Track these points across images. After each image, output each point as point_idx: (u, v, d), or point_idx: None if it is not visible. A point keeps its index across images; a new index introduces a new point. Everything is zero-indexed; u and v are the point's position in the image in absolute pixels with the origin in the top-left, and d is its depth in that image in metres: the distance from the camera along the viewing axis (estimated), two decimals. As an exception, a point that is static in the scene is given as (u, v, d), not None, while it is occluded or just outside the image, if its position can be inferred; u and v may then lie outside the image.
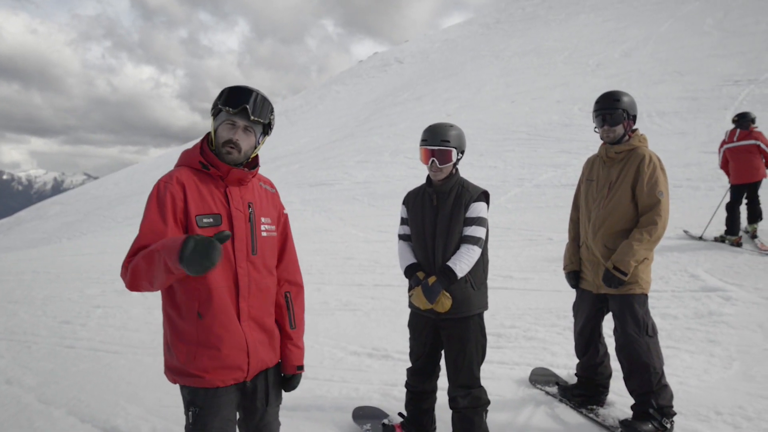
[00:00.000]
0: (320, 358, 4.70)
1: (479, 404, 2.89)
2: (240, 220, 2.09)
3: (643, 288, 3.18)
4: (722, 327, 4.65)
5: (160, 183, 2.04)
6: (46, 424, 3.78)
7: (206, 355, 2.02)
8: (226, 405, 2.07)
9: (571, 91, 24.59)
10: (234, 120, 2.05)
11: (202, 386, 2.03)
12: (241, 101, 2.03)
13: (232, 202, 2.08)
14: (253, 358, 2.11)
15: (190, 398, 2.05)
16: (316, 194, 17.19)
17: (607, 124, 3.23)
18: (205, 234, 1.97)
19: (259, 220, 2.16)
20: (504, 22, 58.30)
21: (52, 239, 22.32)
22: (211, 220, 2.03)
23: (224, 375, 2.05)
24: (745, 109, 16.41)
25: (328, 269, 8.14)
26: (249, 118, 2.05)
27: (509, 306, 5.71)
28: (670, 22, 34.27)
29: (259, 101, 2.07)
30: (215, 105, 2.10)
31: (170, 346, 2.07)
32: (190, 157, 2.13)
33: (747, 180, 7.50)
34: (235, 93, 2.05)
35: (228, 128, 2.07)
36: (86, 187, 46.75)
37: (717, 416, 3.25)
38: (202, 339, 2.02)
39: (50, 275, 9.67)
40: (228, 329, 2.04)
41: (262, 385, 2.21)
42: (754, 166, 7.45)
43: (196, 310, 2.01)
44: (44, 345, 5.62)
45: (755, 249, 6.93)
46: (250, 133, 2.10)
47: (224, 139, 2.07)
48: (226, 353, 2.04)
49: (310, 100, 56.55)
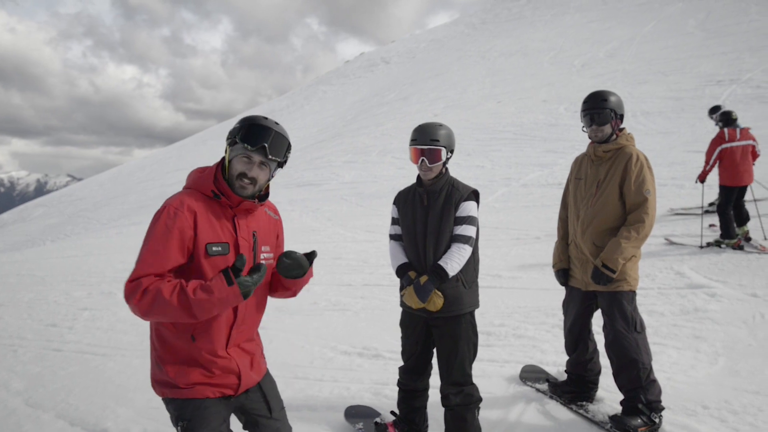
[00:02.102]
0: (311, 358, 4.70)
1: (471, 401, 2.91)
2: (245, 249, 2.10)
3: (631, 285, 3.22)
4: (708, 323, 4.72)
5: (169, 208, 1.98)
6: (34, 427, 3.74)
7: (197, 372, 2.06)
8: (215, 416, 2.08)
9: (557, 91, 24.79)
10: (250, 155, 2.04)
11: (192, 397, 2.05)
12: (260, 140, 2.01)
13: (240, 231, 2.09)
14: (244, 379, 2.15)
15: (178, 413, 2.07)
16: (303, 194, 17.16)
17: (595, 124, 3.27)
18: (215, 262, 2.02)
19: (261, 248, 2.17)
20: (490, 23, 58.59)
21: (36, 242, 22.03)
22: (220, 249, 2.04)
23: (214, 390, 2.09)
24: (727, 108, 16.68)
25: (317, 269, 8.13)
26: (267, 156, 2.04)
27: (498, 304, 5.75)
28: (653, 23, 34.67)
29: (278, 140, 2.06)
30: (233, 136, 2.07)
31: (159, 362, 2.08)
32: (202, 183, 2.09)
33: (746, 182, 7.23)
34: (255, 130, 2.03)
35: (244, 162, 2.05)
36: (70, 188, 46.22)
37: (704, 410, 3.30)
38: (194, 358, 2.05)
39: (35, 278, 9.56)
40: (218, 354, 2.08)
41: (257, 396, 2.23)
42: (750, 167, 7.22)
43: (191, 333, 2.04)
44: (31, 348, 5.56)
45: (755, 250, 6.84)
46: (265, 168, 2.08)
47: (239, 172, 2.05)
48: (217, 374, 2.09)
49: (297, 101, 56.42)
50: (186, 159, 39.99)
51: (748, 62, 21.19)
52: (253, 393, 2.22)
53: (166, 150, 55.39)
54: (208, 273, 2.00)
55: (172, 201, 2.01)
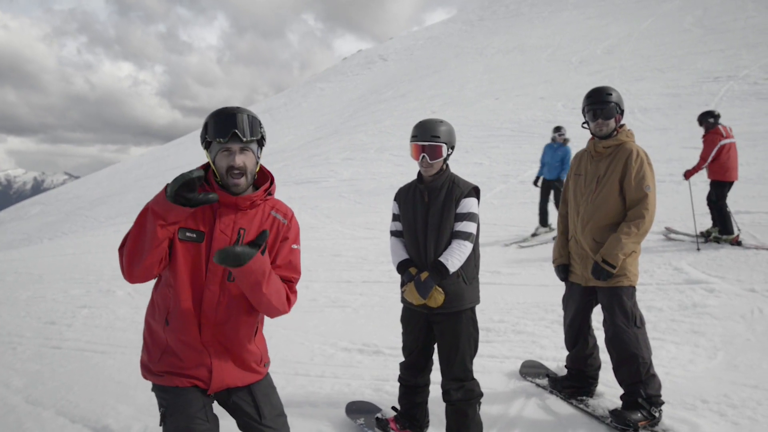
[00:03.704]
0: (311, 355, 4.70)
1: (472, 397, 2.91)
2: (222, 242, 2.06)
3: (631, 280, 3.24)
4: (706, 318, 4.74)
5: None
6: (35, 425, 3.73)
7: (168, 361, 2.10)
8: (192, 403, 2.08)
9: (555, 88, 24.79)
10: (228, 146, 2.01)
11: (163, 384, 2.10)
12: (229, 128, 1.98)
13: (219, 224, 2.07)
14: (216, 377, 2.13)
15: (159, 398, 2.14)
16: (301, 192, 17.14)
17: (600, 118, 3.27)
18: (187, 247, 2.07)
19: None
20: (487, 20, 58.57)
21: (33, 240, 21.97)
22: (194, 236, 2.05)
23: (182, 380, 2.10)
24: (724, 104, 16.73)
25: (316, 266, 8.13)
26: (242, 141, 2.00)
27: (498, 301, 5.76)
28: (651, 19, 34.69)
29: (247, 121, 2.02)
30: (203, 137, 2.06)
31: (144, 346, 2.19)
32: None
33: (736, 177, 7.40)
34: (221, 121, 2.00)
35: (225, 156, 2.02)
36: (67, 186, 46.13)
37: (703, 404, 3.32)
38: (169, 344, 2.10)
39: (33, 276, 9.54)
40: (189, 342, 2.09)
41: (246, 398, 2.21)
42: (737, 163, 7.39)
43: (165, 316, 2.08)
44: (30, 346, 5.55)
45: (752, 248, 6.81)
46: (247, 152, 2.05)
47: (225, 168, 2.03)
48: (186, 364, 2.09)
49: (294, 98, 56.33)
50: (183, 156, 39.94)
51: (745, 59, 21.22)
52: (241, 393, 2.20)
53: (164, 148, 55.28)
54: (180, 257, 2.05)
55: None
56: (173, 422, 2.06)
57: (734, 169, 7.36)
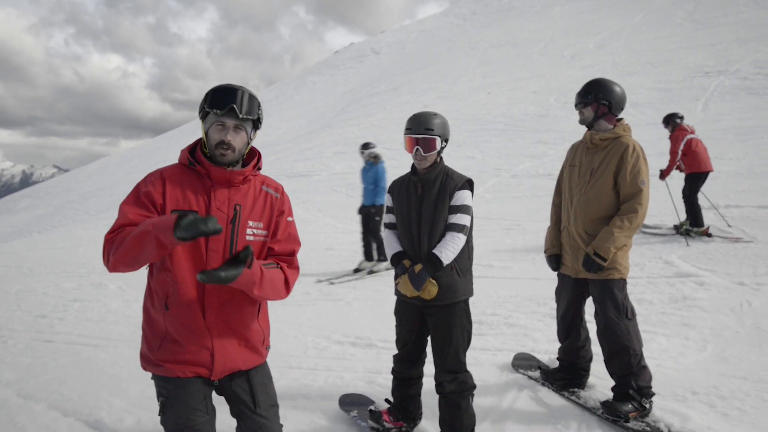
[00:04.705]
0: (304, 348, 4.71)
1: (465, 389, 2.93)
2: (220, 220, 2.06)
3: (622, 273, 3.26)
4: (696, 311, 4.79)
5: (146, 177, 2.10)
6: (27, 418, 3.72)
7: (168, 348, 2.06)
8: (193, 395, 2.07)
9: (547, 82, 24.85)
10: (223, 121, 2.03)
11: (164, 375, 2.07)
12: (227, 101, 2.01)
13: (215, 201, 2.07)
14: (219, 360, 2.10)
15: (159, 388, 2.11)
16: (293, 185, 17.09)
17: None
18: None
19: (246, 223, 2.11)
20: (480, 14, 58.50)
21: (23, 233, 21.80)
22: None
23: (184, 368, 2.07)
24: (715, 99, 16.85)
25: (308, 260, 8.13)
26: (238, 117, 2.03)
27: (490, 294, 5.79)
28: (642, 14, 34.80)
29: (246, 99, 2.05)
30: (202, 108, 2.08)
31: (143, 336, 2.15)
32: (182, 154, 2.14)
33: (711, 168, 7.78)
34: (221, 94, 2.03)
35: (218, 129, 2.05)
36: (57, 179, 45.76)
37: (693, 396, 3.36)
38: (169, 331, 2.06)
39: (23, 269, 9.47)
40: (191, 326, 2.05)
41: (243, 384, 2.19)
42: (708, 155, 7.80)
43: (165, 302, 2.05)
44: (21, 340, 5.51)
45: (725, 240, 7.00)
46: (241, 131, 2.07)
47: (216, 141, 2.05)
48: (188, 348, 2.06)
49: (286, 91, 56.11)
50: (174, 149, 39.69)
51: (736, 54, 21.36)
52: (239, 379, 2.18)
53: (154, 141, 54.95)
54: None
55: (152, 171, 2.13)
56: (173, 414, 2.05)
57: (707, 159, 7.77)
